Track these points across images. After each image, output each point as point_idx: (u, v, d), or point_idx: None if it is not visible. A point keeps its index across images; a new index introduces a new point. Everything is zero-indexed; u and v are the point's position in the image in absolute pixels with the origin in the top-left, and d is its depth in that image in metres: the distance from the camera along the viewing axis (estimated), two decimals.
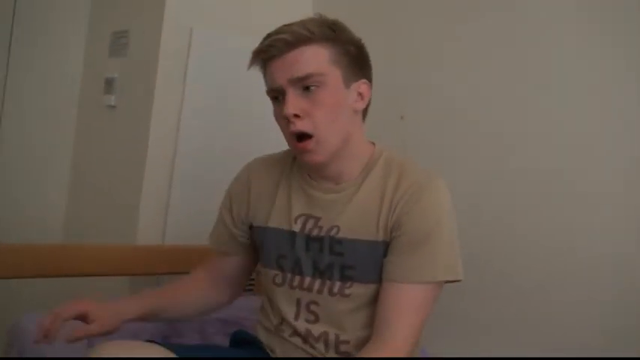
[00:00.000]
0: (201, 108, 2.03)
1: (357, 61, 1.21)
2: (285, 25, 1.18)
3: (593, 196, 1.53)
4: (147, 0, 2.09)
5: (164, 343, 1.19)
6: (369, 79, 1.24)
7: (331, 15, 1.22)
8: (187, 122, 2.01)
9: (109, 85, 2.18)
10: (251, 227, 1.36)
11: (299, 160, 1.25)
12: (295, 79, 1.15)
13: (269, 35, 1.18)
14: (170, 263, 1.86)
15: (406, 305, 1.15)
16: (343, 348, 1.23)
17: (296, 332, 1.25)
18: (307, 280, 1.24)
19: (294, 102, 1.15)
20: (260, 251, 1.34)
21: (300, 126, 1.15)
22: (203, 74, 2.01)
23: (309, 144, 1.16)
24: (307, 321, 1.24)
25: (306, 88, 1.15)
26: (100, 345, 1.13)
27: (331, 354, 1.23)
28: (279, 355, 1.28)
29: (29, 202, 2.30)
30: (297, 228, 1.25)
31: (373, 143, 1.28)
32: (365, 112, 1.26)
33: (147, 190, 1.99)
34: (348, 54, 1.19)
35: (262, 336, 1.33)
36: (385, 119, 1.99)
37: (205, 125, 2.04)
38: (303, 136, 1.17)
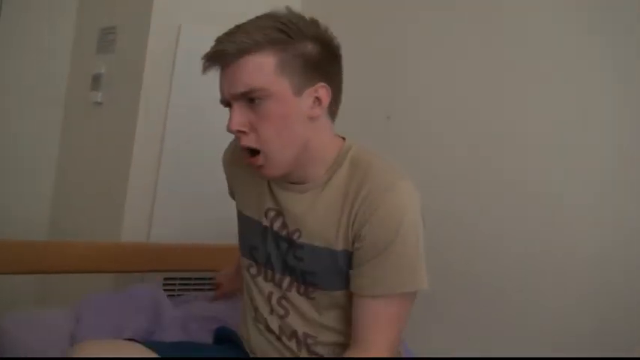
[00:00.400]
0: (188, 105, 2.02)
1: (314, 63, 1.12)
2: (235, 29, 1.12)
3: (576, 197, 1.53)
4: None
5: (145, 342, 1.19)
6: (331, 81, 1.15)
7: (318, 14, 1.18)
8: (174, 119, 2.00)
9: (96, 81, 2.17)
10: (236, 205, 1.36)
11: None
12: (236, 95, 1.10)
13: (217, 41, 1.12)
14: (155, 261, 1.85)
15: (380, 320, 1.12)
16: (314, 348, 1.22)
17: (269, 328, 1.25)
18: (278, 275, 1.23)
19: (238, 117, 1.11)
20: (239, 236, 1.33)
21: (246, 141, 1.11)
22: (191, 71, 1.98)
23: (259, 159, 1.12)
24: (279, 316, 1.24)
25: (251, 100, 1.10)
26: (79, 344, 1.12)
27: (304, 353, 1.22)
28: (257, 353, 1.28)
29: (15, 199, 2.29)
30: (267, 222, 1.23)
31: (344, 138, 1.22)
32: (333, 111, 1.18)
33: (133, 187, 1.98)
34: (301, 57, 1.10)
35: (242, 333, 1.33)
36: (371, 119, 2.00)
37: (192, 123, 2.03)
38: (252, 150, 1.13)
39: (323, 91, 1.13)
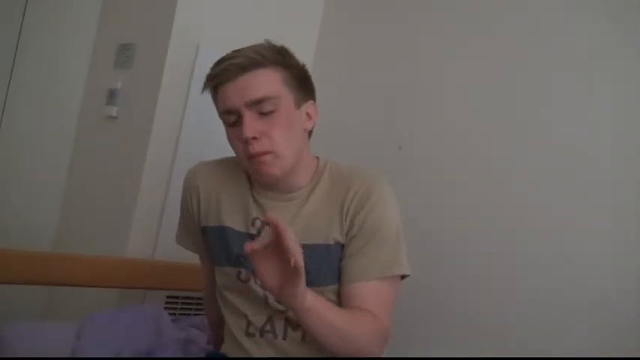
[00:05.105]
0: (202, 124, 2.03)
1: (304, 83, 1.27)
2: (236, 50, 1.22)
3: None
4: (156, 15, 2.10)
5: None
6: (315, 101, 1.31)
7: (335, 49, 1.23)
8: (187, 137, 2.01)
9: (111, 95, 2.18)
10: (204, 230, 1.38)
11: (254, 176, 1.27)
12: (251, 101, 1.19)
13: (222, 60, 1.22)
14: (158, 278, 1.84)
15: (380, 300, 1.20)
16: None
17: (263, 329, 1.27)
18: None
19: (251, 124, 1.18)
20: (215, 252, 1.35)
21: (259, 147, 1.19)
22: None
23: (268, 157, 1.19)
24: (281, 311, 1.25)
25: (263, 113, 1.19)
26: None
27: (309, 339, 1.25)
28: (256, 354, 1.29)
29: (23, 209, 2.28)
30: (254, 231, 1.28)
31: (317, 157, 1.34)
32: (311, 131, 1.31)
33: (142, 203, 1.99)
34: (296, 77, 1.25)
35: (233, 353, 1.33)
36: (383, 149, 2.00)
37: (205, 141, 2.02)
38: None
39: (312, 108, 1.29)
